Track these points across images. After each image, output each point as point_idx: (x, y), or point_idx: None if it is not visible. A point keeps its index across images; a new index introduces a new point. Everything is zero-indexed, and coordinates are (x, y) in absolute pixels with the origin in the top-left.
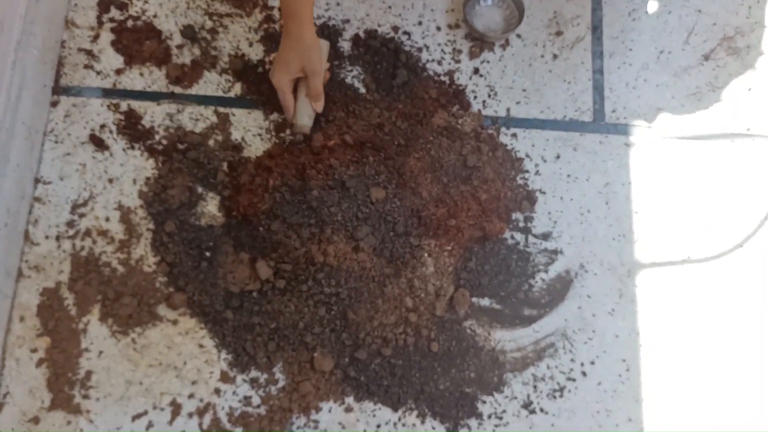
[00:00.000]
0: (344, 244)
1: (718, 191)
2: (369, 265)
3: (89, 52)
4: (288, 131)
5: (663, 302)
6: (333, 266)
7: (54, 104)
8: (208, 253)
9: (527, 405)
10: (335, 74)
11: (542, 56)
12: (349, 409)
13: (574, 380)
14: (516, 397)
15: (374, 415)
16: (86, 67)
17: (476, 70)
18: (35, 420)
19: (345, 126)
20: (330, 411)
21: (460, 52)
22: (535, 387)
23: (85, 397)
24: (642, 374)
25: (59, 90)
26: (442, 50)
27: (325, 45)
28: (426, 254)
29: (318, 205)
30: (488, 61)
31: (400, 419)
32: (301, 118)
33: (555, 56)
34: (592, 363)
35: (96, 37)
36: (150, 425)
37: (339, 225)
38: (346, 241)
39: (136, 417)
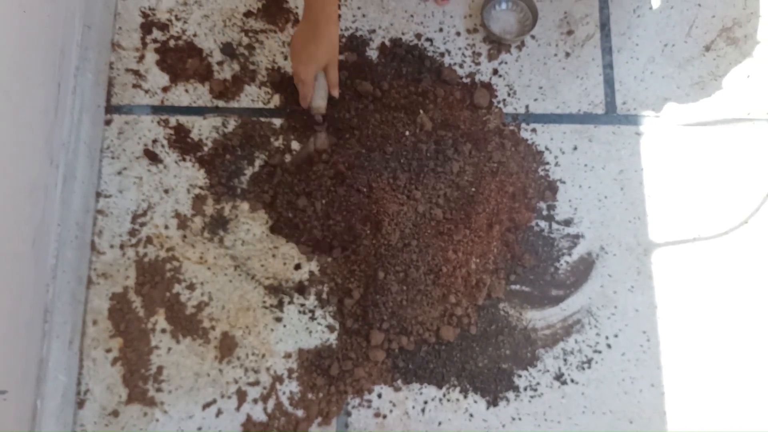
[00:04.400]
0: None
1: (723, 172)
2: (420, 275)
3: (136, 72)
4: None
5: (677, 277)
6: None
7: (108, 122)
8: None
9: (559, 377)
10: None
11: (555, 55)
12: (398, 389)
13: (600, 352)
14: (548, 370)
15: (421, 393)
16: (135, 86)
17: (495, 71)
18: (115, 413)
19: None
20: (381, 391)
21: (479, 54)
22: (565, 360)
23: (158, 390)
24: (661, 344)
25: (111, 109)
26: (463, 54)
27: None
28: (468, 251)
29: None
30: (506, 62)
31: (444, 395)
32: (319, 101)
33: (567, 54)
34: (616, 336)
35: (141, 58)
36: (219, 412)
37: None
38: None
39: (206, 406)
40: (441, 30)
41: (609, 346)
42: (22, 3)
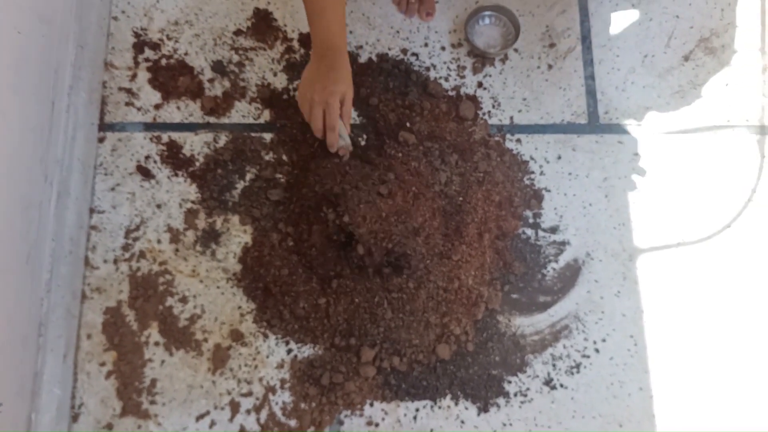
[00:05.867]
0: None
1: (705, 178)
2: (419, 303)
3: (129, 91)
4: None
5: (663, 282)
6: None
7: (101, 140)
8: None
9: (548, 382)
10: None
11: (538, 67)
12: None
13: (588, 357)
14: (538, 376)
15: (413, 401)
16: (127, 104)
17: (480, 84)
18: (109, 426)
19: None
20: (373, 402)
21: (464, 68)
22: (554, 365)
23: (152, 402)
24: (648, 347)
25: (104, 127)
26: (448, 68)
27: None
28: (463, 268)
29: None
30: (490, 75)
31: (436, 402)
32: (346, 138)
33: (550, 66)
34: (604, 340)
35: (134, 77)
36: (213, 424)
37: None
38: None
39: (200, 417)
40: (426, 45)
41: (597, 350)
42: (17, 24)
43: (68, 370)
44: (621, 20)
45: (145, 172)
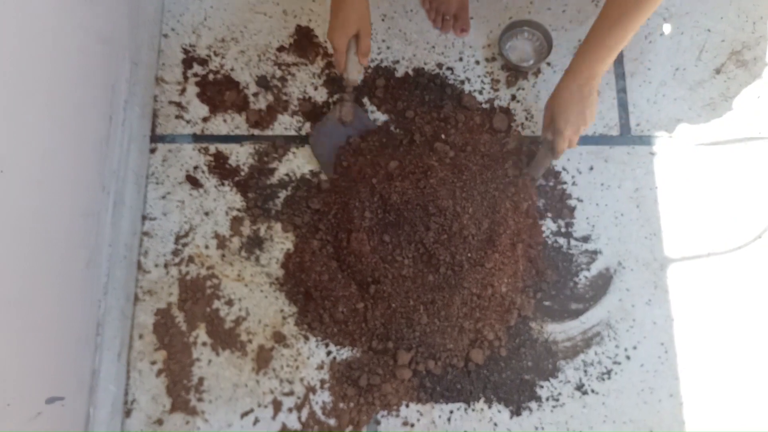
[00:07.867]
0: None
1: (736, 189)
2: (454, 309)
3: (178, 104)
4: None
5: (693, 291)
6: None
7: (152, 151)
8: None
9: (580, 387)
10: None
11: None
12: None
13: (619, 363)
14: (569, 381)
15: (447, 403)
16: (177, 117)
17: (513, 97)
18: (159, 422)
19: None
20: (408, 403)
21: (498, 81)
22: (585, 371)
23: (200, 400)
24: (678, 355)
25: (156, 138)
26: (482, 81)
27: None
28: (496, 276)
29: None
30: (523, 88)
31: (470, 405)
32: (353, 74)
33: None
34: (635, 348)
35: (183, 91)
36: (256, 421)
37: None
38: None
39: (244, 415)
40: (461, 59)
41: (628, 357)
42: (81, 44)
43: (122, 368)
44: (652, 34)
45: (193, 182)
